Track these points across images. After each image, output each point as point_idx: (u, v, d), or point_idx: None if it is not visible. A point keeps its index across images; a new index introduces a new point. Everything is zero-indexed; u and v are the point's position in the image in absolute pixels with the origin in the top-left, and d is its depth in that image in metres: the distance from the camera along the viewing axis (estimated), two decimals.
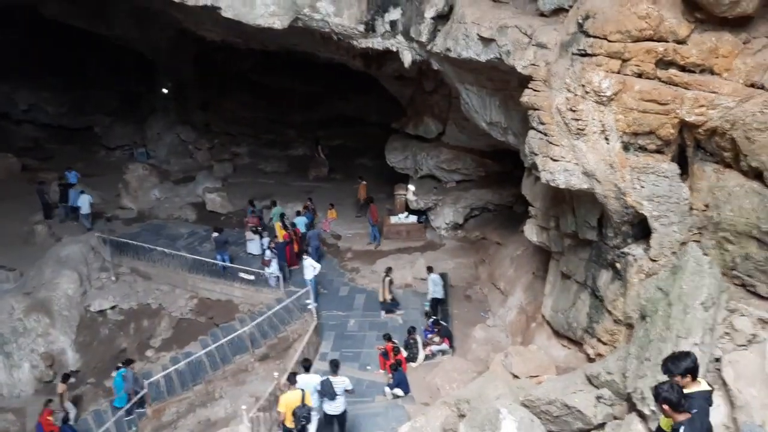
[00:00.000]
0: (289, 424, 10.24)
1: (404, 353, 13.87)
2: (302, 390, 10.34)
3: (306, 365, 11.62)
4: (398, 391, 12.72)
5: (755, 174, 8.85)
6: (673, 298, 7.35)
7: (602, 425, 7.88)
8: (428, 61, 14.31)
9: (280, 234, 18.33)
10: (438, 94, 18.64)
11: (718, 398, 6.48)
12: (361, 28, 13.98)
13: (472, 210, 20.35)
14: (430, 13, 13.50)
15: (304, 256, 17.01)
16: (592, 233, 11.44)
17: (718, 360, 6.90)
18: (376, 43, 14.38)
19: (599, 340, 10.78)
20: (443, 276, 17.04)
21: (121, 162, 26.49)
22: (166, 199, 23.69)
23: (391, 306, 16.44)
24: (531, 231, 13.55)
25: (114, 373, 14.53)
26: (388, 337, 13.71)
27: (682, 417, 5.12)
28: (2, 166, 25.77)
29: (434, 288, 15.86)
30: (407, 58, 14.23)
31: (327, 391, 10.73)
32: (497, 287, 16.71)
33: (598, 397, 8.09)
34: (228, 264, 18.10)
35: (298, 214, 19.87)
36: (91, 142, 29.54)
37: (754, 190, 8.74)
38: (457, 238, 20.09)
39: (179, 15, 17.62)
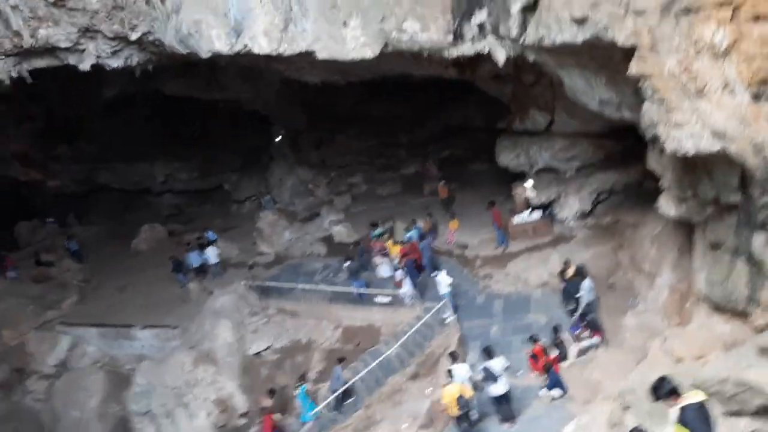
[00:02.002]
0: (454, 412, 12.21)
1: (555, 353, 13.52)
2: (459, 383, 12.33)
3: (454, 356, 13.48)
4: (556, 392, 12.42)
5: None
6: None
7: None
8: (523, 55, 14.07)
9: (394, 251, 18.91)
10: (540, 85, 18.20)
11: None
12: (450, 38, 14.05)
13: (599, 195, 19.52)
14: (516, 6, 13.27)
15: (434, 272, 17.23)
16: (735, 196, 10.59)
17: None
18: (466, 49, 14.36)
19: (767, 308, 9.90)
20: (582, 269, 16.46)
21: (252, 212, 28.34)
22: (297, 238, 24.97)
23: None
24: (667, 205, 12.77)
25: (296, 392, 15.65)
26: (534, 339, 13.45)
27: None
28: (152, 235, 28.53)
29: (590, 294, 15.04)
30: (501, 56, 14.06)
31: (489, 376, 12.36)
32: (642, 270, 15.83)
33: None
34: (364, 290, 18.72)
35: (407, 230, 20.28)
36: (223, 199, 31.92)
37: None
38: (588, 226, 19.32)
39: (280, 66, 18.70)
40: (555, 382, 12.46)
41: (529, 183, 19.94)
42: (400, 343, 15.84)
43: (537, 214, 19.91)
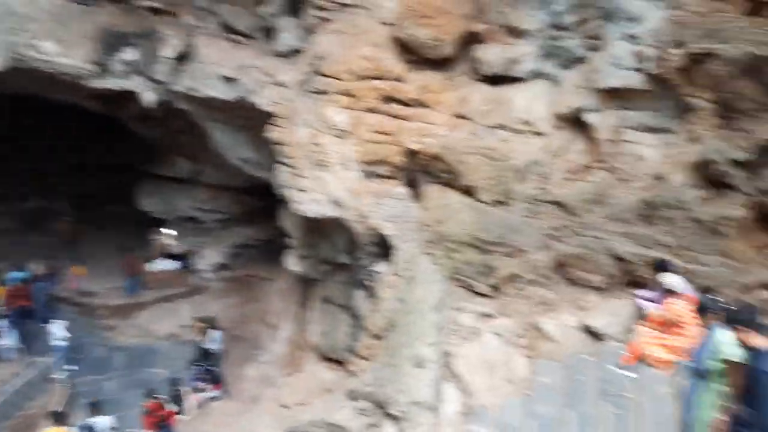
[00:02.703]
0: None
1: (173, 407, 13.08)
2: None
3: (57, 416, 11.50)
4: None
5: (469, 191, 10.31)
6: (410, 306, 8.17)
7: None
8: (172, 100, 13.98)
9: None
10: (189, 134, 18.16)
11: (452, 389, 7.32)
12: (93, 68, 13.15)
13: (237, 248, 20.12)
14: (168, 53, 13.23)
15: (48, 322, 15.26)
16: (345, 257, 12.18)
17: (448, 355, 7.81)
18: (112, 83, 13.62)
19: (360, 357, 11.42)
20: (213, 320, 16.54)
21: None
22: None
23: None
24: (292, 261, 13.89)
25: None
26: (150, 394, 12.80)
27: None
28: None
29: (217, 346, 15.36)
30: (148, 98, 13.69)
31: None
32: (267, 323, 16.70)
33: (359, 410, 8.57)
34: None
35: (18, 271, 17.65)
36: None
37: (469, 205, 10.16)
38: (223, 278, 19.64)
39: None
40: None
41: (169, 231, 19.46)
42: None
43: (174, 264, 19.44)
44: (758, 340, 4.57)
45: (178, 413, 13.08)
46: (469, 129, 10.44)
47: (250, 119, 13.44)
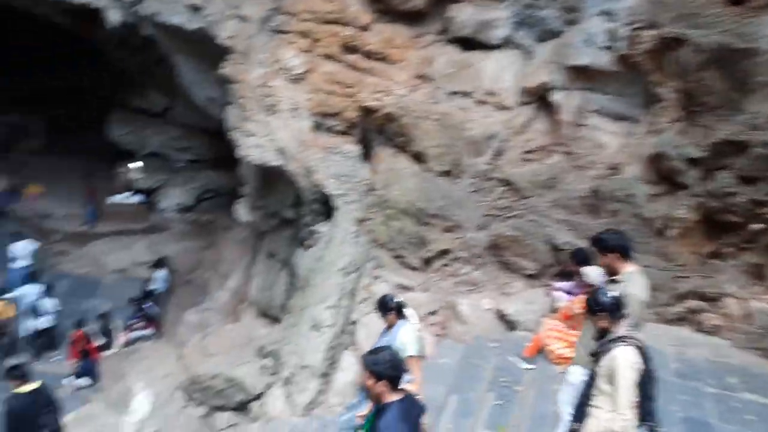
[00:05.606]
0: None
1: (101, 341, 12.75)
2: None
3: None
4: (82, 381, 11.60)
5: (419, 158, 9.72)
6: (320, 266, 7.67)
7: (261, 395, 7.94)
8: (138, 24, 13.29)
9: None
10: (162, 66, 17.53)
11: (350, 357, 6.85)
12: None
13: (205, 192, 19.59)
14: None
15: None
16: (290, 212, 11.63)
17: (355, 322, 7.34)
18: None
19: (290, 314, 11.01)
20: (163, 260, 16.12)
21: None
22: None
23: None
24: (243, 210, 13.34)
25: None
26: (78, 324, 12.44)
27: None
28: None
29: (161, 285, 15.26)
30: (113, 17, 13.00)
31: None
32: (218, 271, 16.27)
33: (262, 367, 8.14)
34: None
35: None
36: None
37: (417, 172, 9.59)
38: (187, 221, 19.16)
39: None
40: (86, 371, 11.67)
41: (136, 164, 18.93)
42: None
43: (137, 198, 18.95)
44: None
45: (104, 347, 12.76)
46: (428, 92, 9.81)
47: (214, 54, 12.78)
